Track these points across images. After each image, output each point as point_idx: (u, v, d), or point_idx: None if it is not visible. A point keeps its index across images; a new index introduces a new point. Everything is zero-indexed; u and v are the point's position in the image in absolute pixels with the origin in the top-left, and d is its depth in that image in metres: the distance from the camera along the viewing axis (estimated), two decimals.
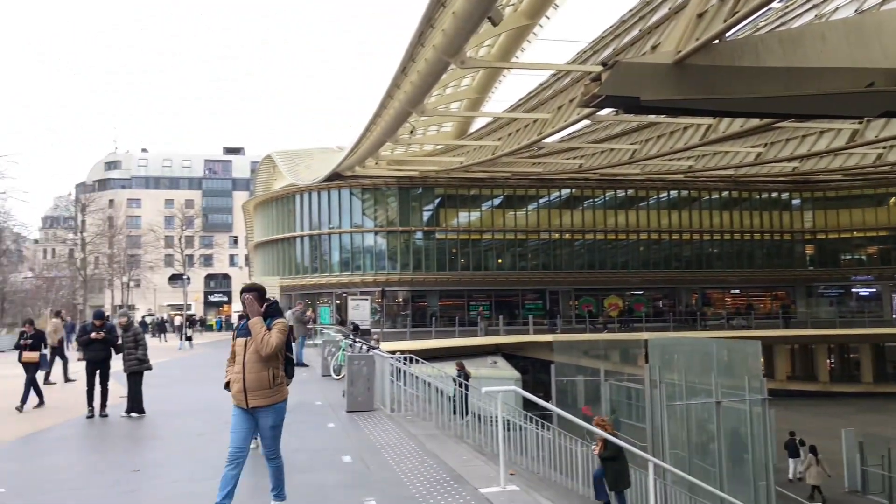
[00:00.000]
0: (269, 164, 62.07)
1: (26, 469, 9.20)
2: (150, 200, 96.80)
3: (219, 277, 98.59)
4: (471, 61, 21.70)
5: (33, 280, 72.43)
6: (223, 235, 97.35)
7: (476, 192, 50.67)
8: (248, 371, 6.22)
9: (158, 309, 77.48)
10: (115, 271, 70.57)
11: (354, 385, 13.35)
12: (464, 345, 39.00)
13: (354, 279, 49.22)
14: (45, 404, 14.60)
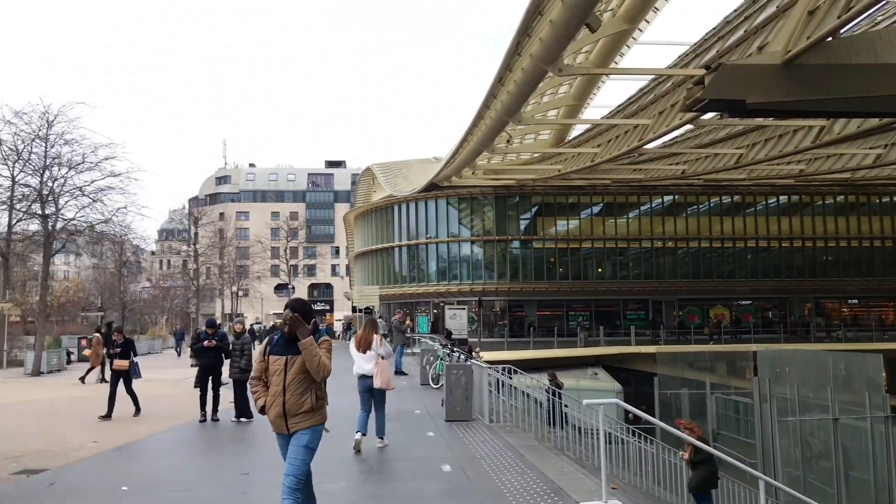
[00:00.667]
0: (369, 176, 63.47)
1: (147, 469, 9.71)
2: (258, 213, 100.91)
3: (321, 287, 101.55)
4: (568, 69, 21.48)
5: (150, 290, 76.67)
6: (325, 246, 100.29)
7: (574, 199, 50.04)
8: (290, 393, 5.61)
9: (265, 317, 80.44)
10: (225, 281, 73.81)
11: (453, 394, 13.42)
12: (563, 356, 38.51)
13: (451, 288, 49.53)
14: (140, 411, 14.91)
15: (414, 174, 56.63)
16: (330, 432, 6.36)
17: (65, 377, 26.93)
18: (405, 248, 53.53)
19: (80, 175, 31.59)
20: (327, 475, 9.08)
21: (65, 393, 20.63)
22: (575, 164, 36.41)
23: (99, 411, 14.44)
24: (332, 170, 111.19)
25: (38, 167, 30.87)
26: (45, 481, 8.80)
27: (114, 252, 56.41)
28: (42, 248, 33.06)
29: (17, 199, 31.70)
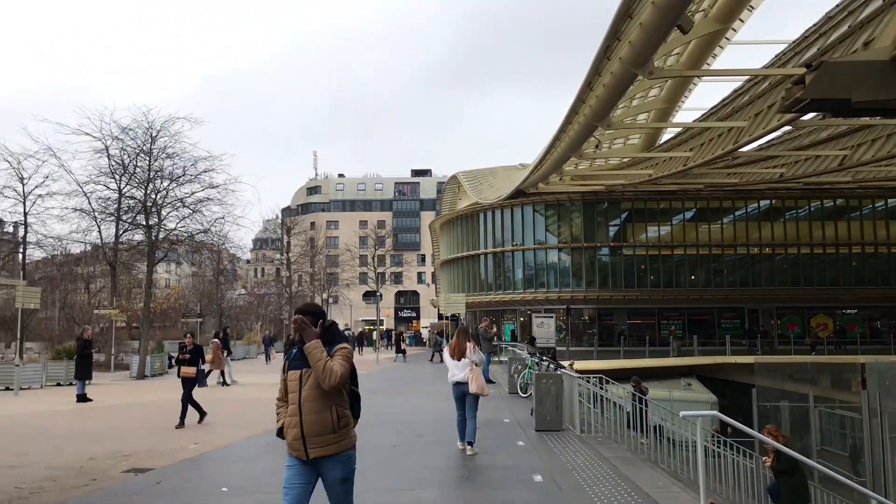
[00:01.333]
0: (455, 184, 63.84)
1: (244, 471, 10.01)
2: (347, 222, 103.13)
3: (408, 294, 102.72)
4: (659, 71, 21.00)
5: (246, 296, 79.33)
6: (412, 254, 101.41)
7: (666, 205, 48.81)
8: (307, 412, 4.76)
9: (354, 324, 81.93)
10: (315, 288, 75.58)
11: (543, 404, 13.27)
12: (655, 365, 37.56)
13: (538, 296, 49.14)
14: (207, 414, 14.57)
15: (499, 181, 56.60)
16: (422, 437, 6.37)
17: (167, 381, 28.17)
18: (491, 256, 53.49)
19: (181, 187, 33.04)
20: (420, 482, 9.15)
21: (167, 395, 21.55)
22: (666, 168, 35.52)
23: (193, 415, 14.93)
24: (418, 178, 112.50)
25: (142, 180, 32.45)
26: (152, 480, 9.19)
27: (212, 260, 58.78)
28: (146, 257, 34.73)
29: (124, 210, 33.39)
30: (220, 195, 32.56)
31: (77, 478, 9.23)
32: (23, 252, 39.50)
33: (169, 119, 31.56)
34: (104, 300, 43.16)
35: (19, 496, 8.20)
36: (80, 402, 19.01)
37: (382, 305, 75.64)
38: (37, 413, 17.23)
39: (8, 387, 22.54)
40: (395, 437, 12.58)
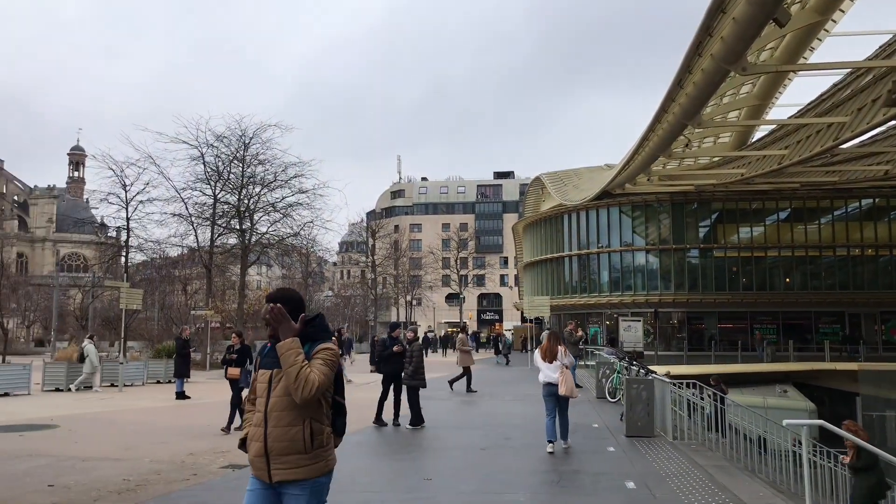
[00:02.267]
0: (538, 185, 63.37)
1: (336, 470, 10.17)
2: (430, 225, 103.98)
3: (491, 296, 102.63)
4: (753, 67, 20.23)
5: (333, 298, 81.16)
6: (494, 256, 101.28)
7: (759, 205, 46.97)
8: (274, 423, 3.79)
9: (437, 326, 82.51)
10: (399, 290, 76.63)
11: (633, 409, 12.99)
12: (747, 371, 36.22)
13: (625, 299, 48.18)
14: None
15: (584, 182, 55.84)
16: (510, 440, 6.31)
17: None
18: (576, 258, 52.81)
19: (272, 192, 34.11)
20: (509, 485, 9.10)
21: None
22: (759, 167, 34.23)
23: None
24: (500, 181, 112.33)
25: (236, 186, 33.66)
26: (248, 476, 9.47)
27: (301, 263, 60.39)
28: (239, 260, 35.98)
29: (219, 215, 34.70)
30: (309, 200, 33.45)
31: (179, 472, 9.62)
32: (125, 255, 41.61)
33: (261, 127, 32.67)
34: (200, 301, 44.93)
35: (127, 488, 8.60)
36: (179, 399, 19.82)
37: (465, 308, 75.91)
38: (139, 409, 18.08)
39: (112, 383, 23.75)
40: (483, 439, 12.56)
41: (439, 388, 21.94)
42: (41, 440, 12.30)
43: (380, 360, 14.79)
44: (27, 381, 21.11)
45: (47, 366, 23.62)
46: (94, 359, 22.53)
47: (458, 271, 67.34)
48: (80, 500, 7.97)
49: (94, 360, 22.53)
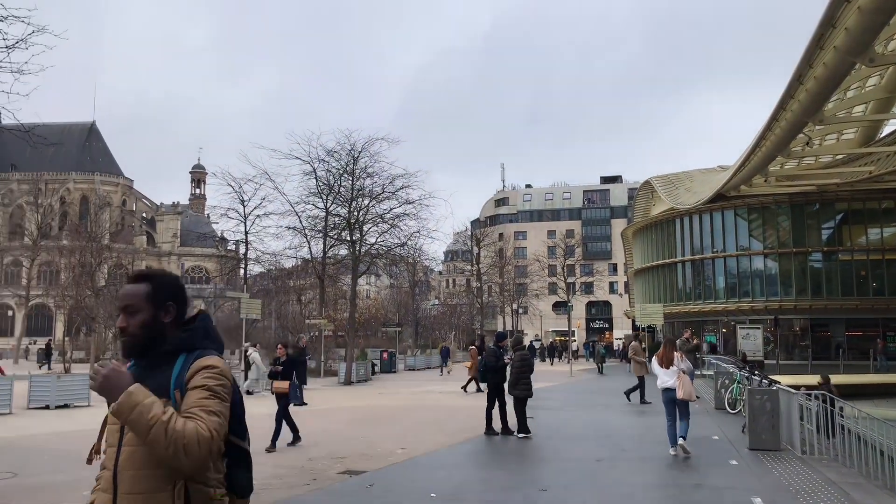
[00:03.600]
0: (648, 189, 61.78)
1: (450, 478, 10.24)
2: (535, 232, 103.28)
3: (599, 304, 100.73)
4: (881, 58, 18.99)
5: (439, 307, 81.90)
6: (602, 263, 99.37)
7: (889, 204, 43.88)
8: (127, 489, 2.39)
9: (544, 335, 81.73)
10: (505, 299, 76.41)
11: (757, 421, 12.37)
12: (883, 382, 33.84)
13: (742, 306, 46.13)
14: (301, 440, 12.81)
15: (696, 185, 53.97)
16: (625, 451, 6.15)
17: (371, 387, 29.69)
18: (689, 264, 51.08)
19: (380, 204, 34.79)
20: (629, 498, 8.86)
21: (372, 402, 22.71)
22: (890, 164, 32.03)
23: (409, 420, 15.51)
24: (607, 185, 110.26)
25: (346, 199, 34.54)
26: (366, 482, 9.67)
27: (407, 272, 61.37)
28: (350, 270, 36.89)
29: (330, 227, 35.71)
30: (415, 210, 33.86)
31: (300, 476, 9.93)
32: (244, 267, 43.53)
33: (369, 140, 33.37)
34: (313, 310, 46.43)
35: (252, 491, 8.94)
36: (297, 406, 20.48)
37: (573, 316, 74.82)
38: (259, 415, 18.71)
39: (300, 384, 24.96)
40: (598, 450, 12.31)
41: (546, 397, 21.69)
42: None
43: (485, 370, 14.72)
44: None
45: None
46: (261, 364, 23.56)
47: (566, 279, 66.35)
48: None
49: (261, 366, 23.44)
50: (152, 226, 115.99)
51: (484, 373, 14.90)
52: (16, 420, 16.75)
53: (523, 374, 13.90)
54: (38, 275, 76.91)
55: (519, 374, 13.87)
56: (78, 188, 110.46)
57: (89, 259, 54.87)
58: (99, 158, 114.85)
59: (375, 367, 37.20)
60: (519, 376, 13.86)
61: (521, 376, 13.89)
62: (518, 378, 13.85)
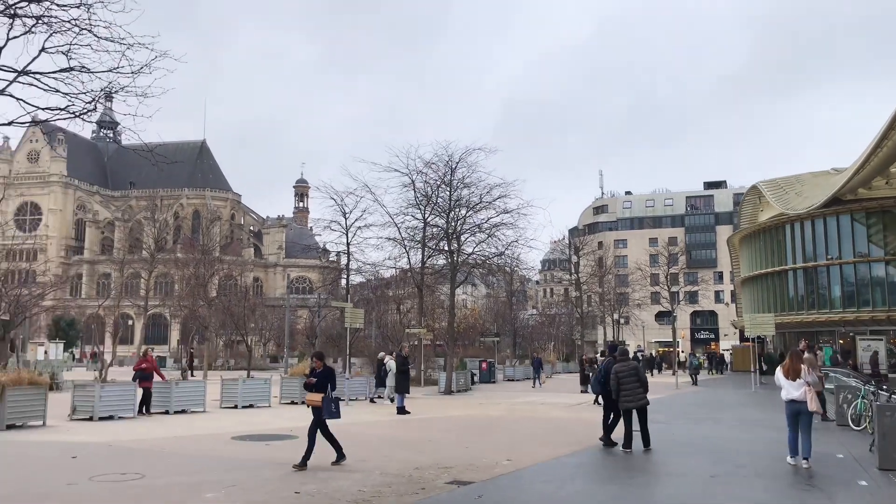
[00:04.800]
0: (755, 194, 59.28)
1: (558, 492, 10.04)
2: (636, 240, 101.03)
3: (705, 314, 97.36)
4: None
5: (536, 317, 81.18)
6: (707, 271, 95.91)
7: None
8: None
9: (647, 345, 79.67)
10: (605, 309, 74.96)
11: (887, 439, 11.57)
12: None
13: (861, 316, 43.44)
14: (346, 459, 11.59)
15: (808, 189, 51.38)
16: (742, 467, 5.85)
17: (472, 397, 29.71)
18: (800, 271, 48.64)
19: (478, 213, 34.87)
20: None
21: (473, 412, 22.69)
22: None
23: (513, 431, 15.39)
24: (711, 191, 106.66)
25: (443, 209, 34.82)
26: (473, 493, 9.63)
27: (504, 282, 61.16)
28: (448, 280, 37.13)
29: (428, 237, 36.09)
30: (513, 219, 33.72)
31: (407, 486, 9.99)
32: (346, 277, 44.59)
33: (466, 151, 33.54)
34: (412, 320, 46.95)
35: (363, 499, 9.08)
36: (400, 415, 20.73)
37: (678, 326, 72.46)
38: (365, 423, 19.13)
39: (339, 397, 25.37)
40: (712, 465, 11.82)
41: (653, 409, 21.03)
42: (284, 449, 13.38)
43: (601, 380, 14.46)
44: (268, 395, 23.22)
45: (284, 380, 25.84)
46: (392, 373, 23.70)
47: (669, 288, 64.36)
48: None
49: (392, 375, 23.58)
50: (259, 238, 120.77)
51: (597, 384, 14.77)
52: (140, 423, 17.70)
53: (628, 384, 13.53)
54: (155, 286, 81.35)
55: (623, 384, 13.51)
56: (190, 203, 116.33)
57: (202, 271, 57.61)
58: (209, 175, 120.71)
59: (474, 376, 37.19)
60: (623, 386, 13.50)
61: (626, 387, 13.53)
62: (622, 388, 13.50)
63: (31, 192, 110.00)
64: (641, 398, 13.48)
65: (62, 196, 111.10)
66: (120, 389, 19.55)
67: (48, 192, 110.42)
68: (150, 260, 63.55)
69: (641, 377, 13.64)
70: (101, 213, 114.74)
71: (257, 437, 15.12)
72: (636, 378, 13.55)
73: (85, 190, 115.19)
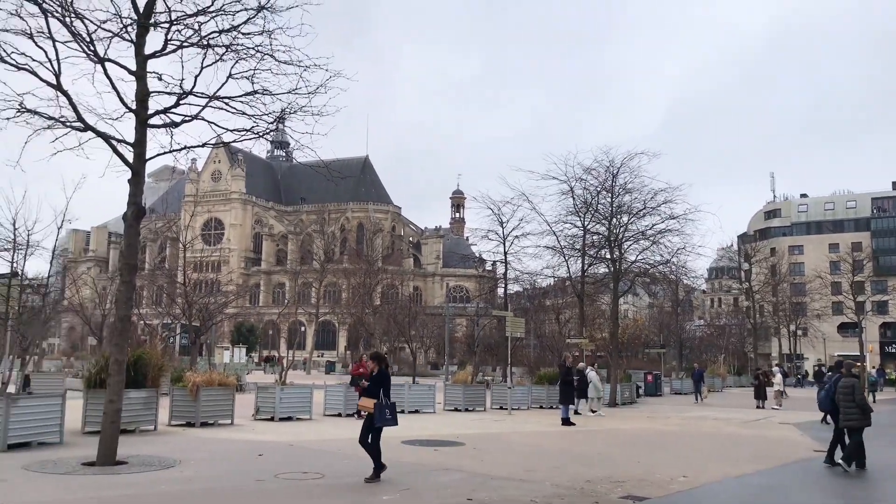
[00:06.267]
0: None
1: None
2: (813, 246, 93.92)
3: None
4: None
5: (704, 328, 77.42)
6: None
7: None
8: None
9: (828, 359, 73.63)
10: (780, 319, 70.18)
11: None
12: None
13: None
14: (380, 479, 10.41)
15: None
16: None
17: (638, 409, 28.78)
18: None
19: (641, 220, 33.77)
20: None
21: (643, 425, 21.93)
22: None
23: (686, 446, 14.61)
24: None
25: (604, 216, 34.06)
26: None
27: (668, 291, 58.75)
28: (609, 289, 36.23)
29: (588, 245, 35.41)
30: (679, 225, 32.38)
31: (580, 498, 9.75)
32: (504, 286, 44.71)
33: (628, 156, 32.66)
34: (571, 330, 46.23)
35: None
36: (565, 426, 20.39)
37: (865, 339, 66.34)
38: (529, 433, 19.01)
39: (501, 406, 25.43)
40: None
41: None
42: (453, 456, 13.54)
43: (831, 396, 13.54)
44: (433, 401, 23.67)
45: (447, 387, 26.27)
46: (598, 384, 25.33)
47: (854, 297, 59.03)
48: None
49: (599, 386, 25.38)
50: (418, 249, 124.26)
51: (826, 400, 13.80)
52: (316, 425, 18.62)
53: (847, 402, 12.69)
54: (324, 294, 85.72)
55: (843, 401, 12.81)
56: (355, 216, 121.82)
57: (367, 280, 60.10)
58: (372, 189, 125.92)
59: (639, 389, 35.95)
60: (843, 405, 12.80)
61: (845, 405, 12.72)
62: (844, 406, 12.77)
63: (215, 209, 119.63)
64: (853, 418, 12.56)
65: (242, 212, 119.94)
66: (298, 392, 20.68)
67: (230, 209, 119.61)
68: (321, 270, 67.10)
69: (856, 396, 12.69)
70: (276, 227, 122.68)
71: (426, 441, 15.40)
72: (853, 396, 12.69)
73: (261, 205, 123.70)
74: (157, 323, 47.45)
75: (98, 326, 46.44)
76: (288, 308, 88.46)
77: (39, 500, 8.98)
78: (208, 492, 9.73)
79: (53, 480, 10.11)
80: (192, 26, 12.11)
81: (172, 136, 12.67)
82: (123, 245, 12.53)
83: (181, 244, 46.88)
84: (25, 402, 13.52)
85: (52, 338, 79.35)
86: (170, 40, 12.08)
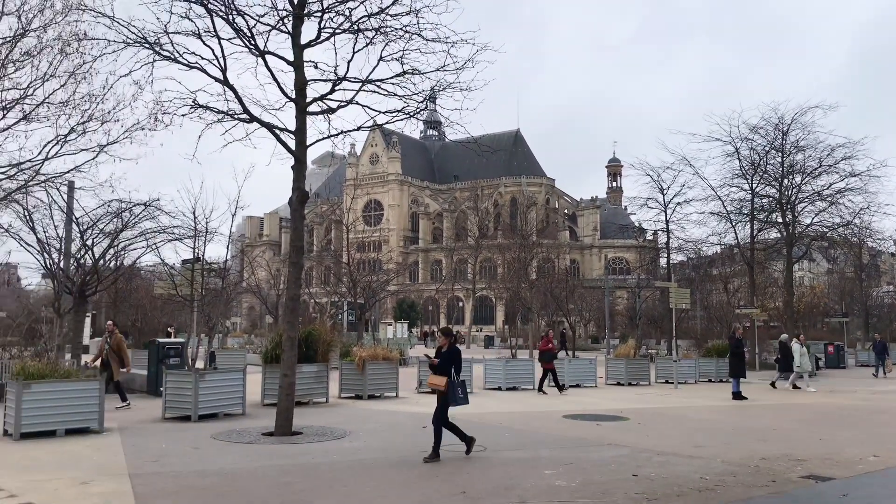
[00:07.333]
0: None
1: None
2: None
3: None
4: None
5: (893, 294, 70.71)
6: None
7: None
8: None
9: None
10: None
11: None
12: None
13: None
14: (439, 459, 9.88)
15: None
16: None
17: (817, 383, 26.76)
18: None
19: (816, 179, 31.33)
20: None
21: (824, 399, 20.42)
22: None
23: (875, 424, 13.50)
24: None
25: (775, 177, 31.89)
26: (837, 491, 8.56)
27: (848, 255, 54.10)
28: (781, 255, 33.94)
29: (757, 209, 33.34)
30: (861, 183, 29.74)
31: (754, 476, 9.20)
32: (667, 256, 43.13)
33: (799, 111, 30.33)
34: (741, 300, 43.79)
35: (706, 487, 8.56)
36: (736, 400, 19.39)
37: None
38: (698, 407, 18.23)
39: (667, 380, 24.59)
40: None
41: None
42: (616, 431, 13.26)
43: None
44: (594, 375, 23.31)
45: (609, 361, 25.78)
46: (798, 358, 23.12)
47: None
48: (663, 492, 8.21)
49: (798, 359, 23.13)
50: (574, 221, 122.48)
51: None
52: (473, 399, 18.92)
53: None
54: (480, 270, 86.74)
55: None
56: (508, 191, 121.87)
57: (521, 255, 60.08)
58: (524, 162, 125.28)
59: (819, 361, 33.46)
60: None
61: None
62: None
63: (374, 191, 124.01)
64: None
65: (399, 192, 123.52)
66: None
67: (387, 190, 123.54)
68: (475, 246, 67.92)
69: None
70: (431, 206, 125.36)
71: (589, 416, 15.20)
72: None
73: (417, 185, 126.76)
74: (325, 301, 50.14)
75: (273, 305, 49.86)
76: (445, 284, 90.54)
77: (228, 466, 9.74)
78: (376, 462, 10.12)
79: (238, 449, 10.94)
80: (343, 13, 12.50)
81: (330, 122, 13.18)
82: (290, 229, 13.23)
83: (344, 226, 49.10)
84: (212, 377, 14.73)
85: (234, 317, 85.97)
86: (323, 28, 12.54)
